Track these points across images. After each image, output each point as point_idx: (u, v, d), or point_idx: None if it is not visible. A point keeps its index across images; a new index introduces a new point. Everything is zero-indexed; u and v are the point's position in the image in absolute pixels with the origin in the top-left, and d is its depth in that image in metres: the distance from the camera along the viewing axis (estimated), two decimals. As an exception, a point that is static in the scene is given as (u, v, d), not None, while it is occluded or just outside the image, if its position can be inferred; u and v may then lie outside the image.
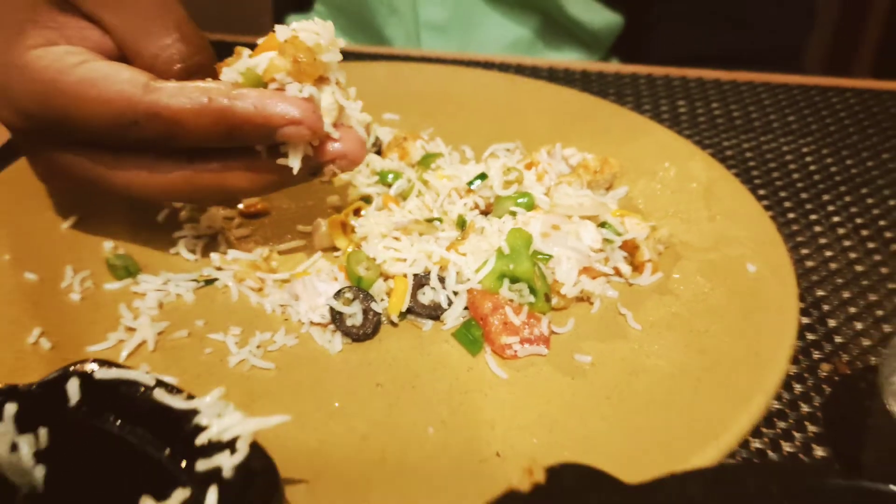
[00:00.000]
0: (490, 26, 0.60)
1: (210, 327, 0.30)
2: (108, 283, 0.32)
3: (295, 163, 0.28)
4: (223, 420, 0.19)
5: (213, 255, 0.33)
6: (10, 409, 0.20)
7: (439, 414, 0.27)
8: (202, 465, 0.19)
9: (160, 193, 0.29)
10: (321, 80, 0.28)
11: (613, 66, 0.53)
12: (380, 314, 0.30)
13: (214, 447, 0.19)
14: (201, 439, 0.19)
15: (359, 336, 0.29)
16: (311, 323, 0.30)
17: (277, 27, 0.29)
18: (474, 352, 0.29)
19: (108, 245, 0.33)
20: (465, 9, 0.59)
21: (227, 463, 0.19)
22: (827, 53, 1.11)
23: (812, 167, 0.43)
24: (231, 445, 0.19)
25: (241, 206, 0.36)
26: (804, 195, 0.40)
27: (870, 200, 0.40)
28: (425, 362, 0.29)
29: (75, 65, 0.27)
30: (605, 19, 0.61)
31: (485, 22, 0.60)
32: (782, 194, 0.40)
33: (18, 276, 0.31)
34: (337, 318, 0.29)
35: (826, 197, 0.40)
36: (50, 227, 0.33)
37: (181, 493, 0.18)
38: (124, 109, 0.27)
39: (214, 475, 0.18)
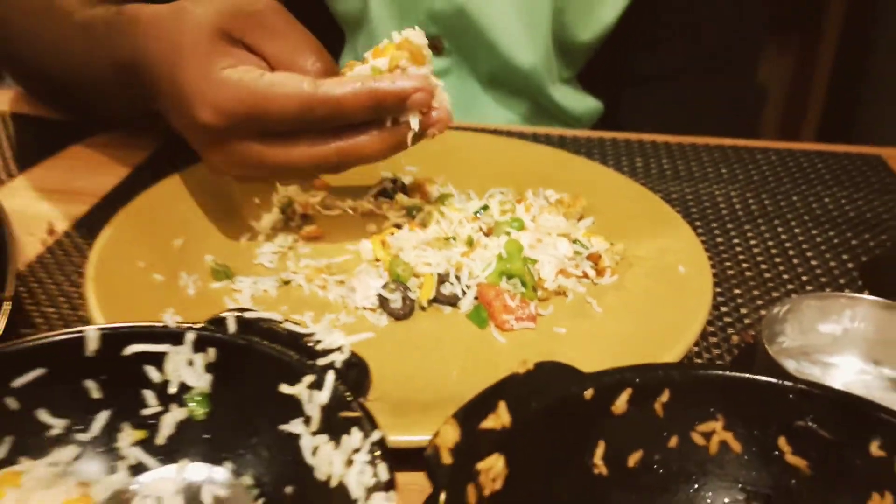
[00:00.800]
0: (486, 108, 0.72)
1: (291, 312, 0.41)
2: (213, 283, 0.43)
3: (415, 123, 0.40)
4: (331, 337, 0.31)
5: (289, 263, 0.44)
6: (190, 336, 0.31)
7: (459, 364, 0.38)
8: (320, 362, 0.30)
9: (315, 166, 0.42)
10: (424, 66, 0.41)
11: (586, 133, 0.66)
12: (414, 301, 0.41)
13: (327, 352, 0.30)
14: (319, 347, 0.30)
15: (399, 316, 0.41)
16: (365, 308, 0.42)
17: (393, 33, 0.42)
18: (482, 327, 0.41)
19: (209, 258, 0.45)
20: (465, 93, 0.71)
21: (336, 359, 0.30)
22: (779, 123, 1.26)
23: (737, 205, 0.55)
24: (337, 351, 0.30)
25: (302, 231, 0.48)
26: (729, 225, 0.53)
27: (779, 229, 0.52)
28: (447, 333, 0.40)
29: (260, 75, 0.40)
30: (587, 105, 0.74)
31: (482, 104, 0.72)
32: (713, 225, 0.53)
33: (150, 277, 0.42)
34: (384, 302, 0.41)
35: (747, 227, 0.53)
36: (167, 245, 0.45)
37: (308, 379, 0.29)
38: (303, 100, 0.39)
39: (329, 367, 0.29)
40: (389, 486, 0.25)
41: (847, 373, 0.38)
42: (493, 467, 0.26)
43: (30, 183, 0.55)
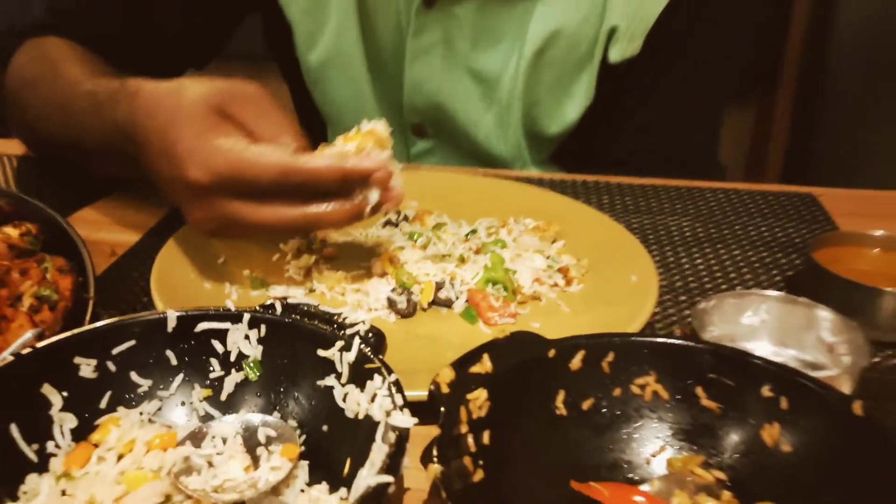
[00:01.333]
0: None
1: (316, 312, 0.50)
2: (251, 291, 0.52)
3: (374, 198, 0.47)
4: (355, 315, 0.40)
5: (314, 275, 0.54)
6: (246, 316, 0.41)
7: (453, 352, 0.47)
8: (348, 332, 0.39)
9: (284, 227, 0.48)
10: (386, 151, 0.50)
11: (560, 175, 0.76)
12: (416, 302, 0.51)
13: (352, 325, 0.40)
14: (346, 322, 0.40)
15: (405, 315, 0.50)
16: (376, 309, 0.51)
17: (363, 122, 0.50)
18: (472, 323, 0.50)
19: (246, 272, 0.54)
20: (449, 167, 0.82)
21: (360, 329, 0.39)
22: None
23: (687, 233, 0.65)
24: (360, 324, 0.40)
25: (323, 252, 0.57)
26: (679, 248, 0.63)
27: (721, 251, 0.62)
28: (444, 328, 0.50)
29: (246, 145, 0.47)
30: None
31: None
32: (666, 248, 0.63)
33: (201, 285, 0.52)
34: (392, 304, 0.50)
35: (693, 249, 0.63)
36: (212, 263, 0.55)
37: (339, 344, 0.38)
38: (282, 168, 0.46)
39: (355, 334, 0.39)
40: (405, 407, 0.34)
41: (763, 354, 0.48)
42: (478, 398, 0.35)
43: (89, 217, 0.65)
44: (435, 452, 0.31)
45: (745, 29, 0.97)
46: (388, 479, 0.31)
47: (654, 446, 0.38)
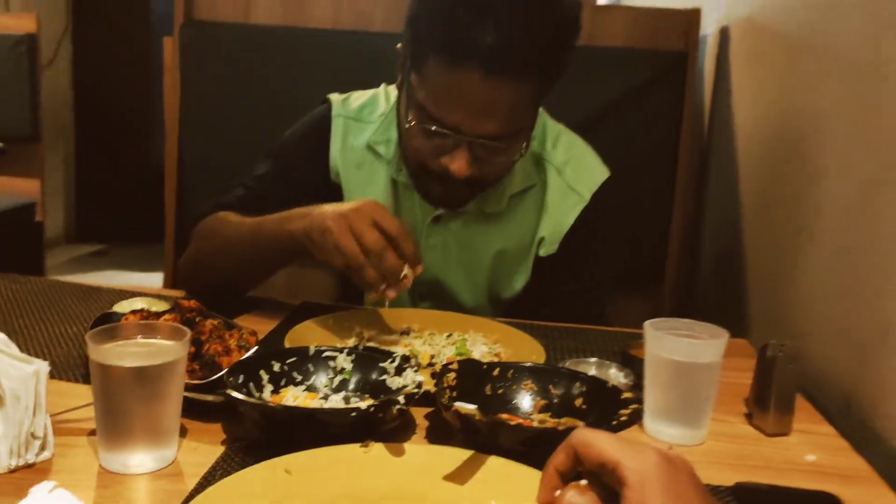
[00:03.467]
0: None
1: (368, 366, 0.97)
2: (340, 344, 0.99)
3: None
4: (396, 351, 0.88)
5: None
6: (344, 351, 0.87)
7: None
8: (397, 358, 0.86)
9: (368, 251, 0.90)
10: None
11: (506, 320, 1.25)
12: (420, 362, 0.98)
13: (392, 355, 0.87)
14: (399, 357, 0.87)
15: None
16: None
17: None
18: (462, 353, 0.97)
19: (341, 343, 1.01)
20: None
21: (397, 355, 0.86)
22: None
23: (574, 351, 1.13)
24: (397, 355, 0.87)
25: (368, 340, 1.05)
26: (567, 356, 1.10)
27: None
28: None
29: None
30: None
31: None
32: (561, 356, 1.10)
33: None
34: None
35: (569, 343, 1.10)
36: (316, 339, 1.02)
37: (393, 365, 0.85)
38: (398, 224, 0.93)
39: (396, 356, 0.86)
40: (419, 379, 0.81)
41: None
42: (449, 375, 0.82)
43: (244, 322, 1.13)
44: (434, 390, 0.78)
45: (627, 240, 1.52)
46: (397, 399, 0.77)
47: (527, 403, 0.85)
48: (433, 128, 0.97)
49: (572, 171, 1.18)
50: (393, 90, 1.19)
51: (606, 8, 1.94)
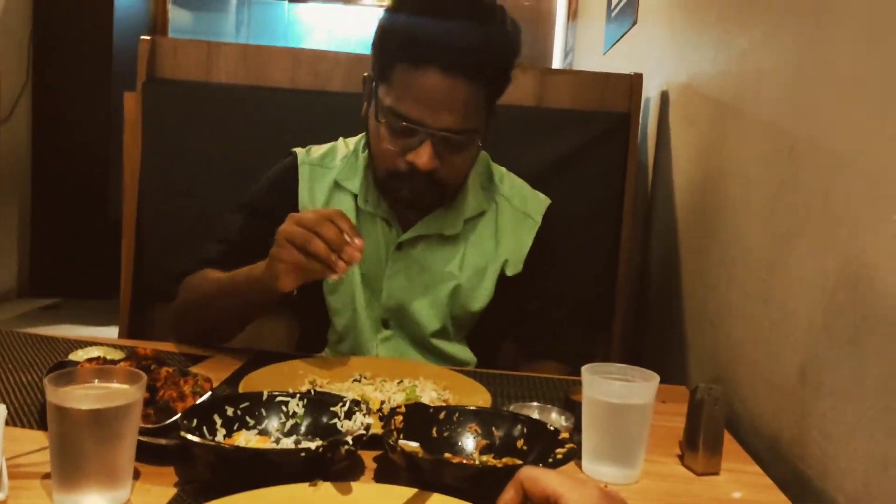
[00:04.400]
0: (412, 357, 1.36)
1: (320, 411, 1.01)
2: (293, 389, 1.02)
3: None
4: (346, 395, 0.91)
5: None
6: (296, 396, 0.91)
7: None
8: (347, 402, 0.90)
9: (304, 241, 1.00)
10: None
11: (466, 370, 1.29)
12: (370, 408, 1.02)
13: (343, 399, 0.91)
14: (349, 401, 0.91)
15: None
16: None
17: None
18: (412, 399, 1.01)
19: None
20: (399, 349, 1.33)
21: (347, 399, 0.90)
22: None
23: (522, 397, 1.18)
24: (347, 399, 0.91)
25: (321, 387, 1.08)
26: (513, 401, 1.15)
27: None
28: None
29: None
30: (467, 356, 1.37)
31: (409, 356, 1.33)
32: (509, 401, 1.15)
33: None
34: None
35: (522, 393, 1.15)
36: (267, 384, 1.05)
37: (344, 408, 0.89)
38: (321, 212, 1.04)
39: (347, 400, 0.90)
40: (367, 422, 0.84)
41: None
42: (397, 418, 0.86)
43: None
44: (382, 432, 0.82)
45: (581, 267, 1.60)
46: (345, 439, 0.81)
47: (470, 444, 0.89)
48: (402, 124, 1.12)
49: (520, 200, 1.33)
50: (350, 140, 1.35)
51: (555, 72, 2.04)
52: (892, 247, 0.80)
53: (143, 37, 1.76)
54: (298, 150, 1.35)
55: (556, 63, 4.75)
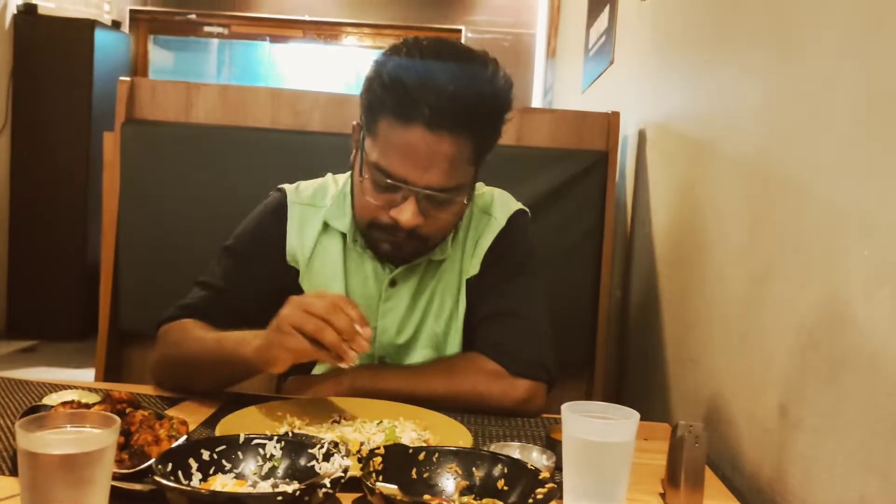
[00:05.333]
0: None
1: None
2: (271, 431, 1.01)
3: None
4: (324, 437, 0.90)
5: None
6: (274, 439, 0.90)
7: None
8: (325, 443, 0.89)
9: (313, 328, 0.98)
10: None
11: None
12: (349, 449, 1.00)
13: (321, 442, 0.89)
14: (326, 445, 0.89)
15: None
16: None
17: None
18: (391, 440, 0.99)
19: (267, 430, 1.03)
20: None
21: (325, 441, 0.89)
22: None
23: (501, 433, 1.17)
24: (326, 442, 0.89)
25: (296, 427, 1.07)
26: (494, 441, 1.14)
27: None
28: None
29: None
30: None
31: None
32: (488, 441, 1.14)
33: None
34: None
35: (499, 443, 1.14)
36: (243, 427, 1.03)
37: (322, 451, 0.88)
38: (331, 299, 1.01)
39: (325, 443, 0.88)
40: (346, 464, 0.83)
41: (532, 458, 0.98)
42: (376, 459, 0.85)
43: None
44: (361, 474, 0.81)
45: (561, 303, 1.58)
46: (322, 481, 0.79)
47: (451, 485, 0.88)
48: (386, 181, 1.10)
49: (486, 201, 1.30)
50: (340, 177, 1.31)
51: (534, 111, 2.07)
52: (864, 283, 0.80)
53: (122, 78, 1.77)
54: (287, 188, 1.31)
55: (537, 101, 4.82)
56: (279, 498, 0.74)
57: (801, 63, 1.00)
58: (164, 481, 0.74)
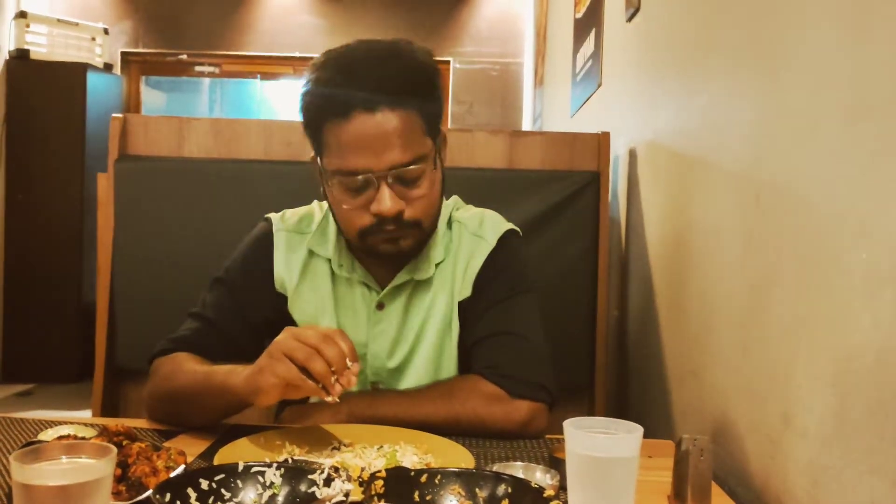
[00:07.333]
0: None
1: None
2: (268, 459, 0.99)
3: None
4: (324, 461, 0.89)
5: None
6: (273, 466, 0.88)
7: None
8: (325, 469, 0.87)
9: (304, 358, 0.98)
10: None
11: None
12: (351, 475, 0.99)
13: (321, 467, 0.88)
14: (327, 471, 0.88)
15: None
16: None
17: None
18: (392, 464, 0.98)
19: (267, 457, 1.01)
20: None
21: (325, 465, 0.88)
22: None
23: (503, 453, 1.15)
24: (326, 466, 0.88)
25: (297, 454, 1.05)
26: (497, 462, 1.13)
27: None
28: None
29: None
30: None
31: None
32: (490, 463, 1.12)
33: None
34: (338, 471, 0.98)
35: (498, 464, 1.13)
36: (242, 457, 1.02)
37: (322, 476, 0.86)
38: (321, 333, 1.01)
39: (325, 468, 0.87)
40: (347, 488, 0.82)
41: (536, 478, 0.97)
42: (377, 482, 0.84)
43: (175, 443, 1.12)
44: (362, 498, 0.80)
45: (559, 324, 1.57)
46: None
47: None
48: (351, 178, 1.12)
49: (477, 223, 1.30)
50: (324, 204, 1.30)
51: (524, 133, 2.08)
52: (864, 285, 0.80)
53: (114, 115, 1.77)
54: (273, 216, 1.33)
55: (527, 128, 4.85)
56: (280, 524, 0.73)
57: (788, 75, 1.00)
58: (163, 511, 0.73)
